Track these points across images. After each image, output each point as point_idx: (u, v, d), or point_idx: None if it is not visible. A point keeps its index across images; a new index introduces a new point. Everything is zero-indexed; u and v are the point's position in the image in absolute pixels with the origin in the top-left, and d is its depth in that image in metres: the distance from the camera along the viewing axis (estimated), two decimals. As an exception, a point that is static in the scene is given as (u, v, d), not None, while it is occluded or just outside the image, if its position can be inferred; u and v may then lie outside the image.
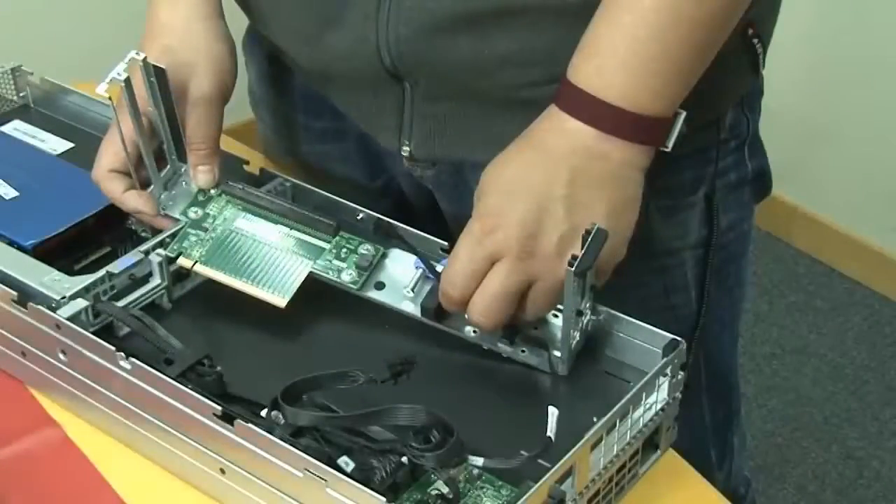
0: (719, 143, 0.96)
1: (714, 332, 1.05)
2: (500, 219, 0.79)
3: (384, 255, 0.88)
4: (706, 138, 0.96)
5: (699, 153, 0.96)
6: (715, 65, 0.83)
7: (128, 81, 0.85)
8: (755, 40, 0.93)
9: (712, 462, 1.11)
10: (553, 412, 0.75)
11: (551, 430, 0.74)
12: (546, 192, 0.79)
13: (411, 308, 0.86)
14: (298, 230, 0.89)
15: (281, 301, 0.86)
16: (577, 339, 0.82)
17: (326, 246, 0.88)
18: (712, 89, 0.87)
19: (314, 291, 0.87)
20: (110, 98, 0.85)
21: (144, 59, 0.86)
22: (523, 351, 0.84)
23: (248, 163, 0.99)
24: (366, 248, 0.88)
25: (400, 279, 0.87)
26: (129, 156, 0.89)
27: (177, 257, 0.88)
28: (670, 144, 0.81)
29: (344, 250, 0.88)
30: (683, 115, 0.81)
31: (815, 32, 2.18)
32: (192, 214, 0.91)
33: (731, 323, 1.08)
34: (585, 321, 0.82)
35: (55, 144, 1.06)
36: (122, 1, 1.76)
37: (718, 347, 1.07)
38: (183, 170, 0.92)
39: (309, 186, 0.96)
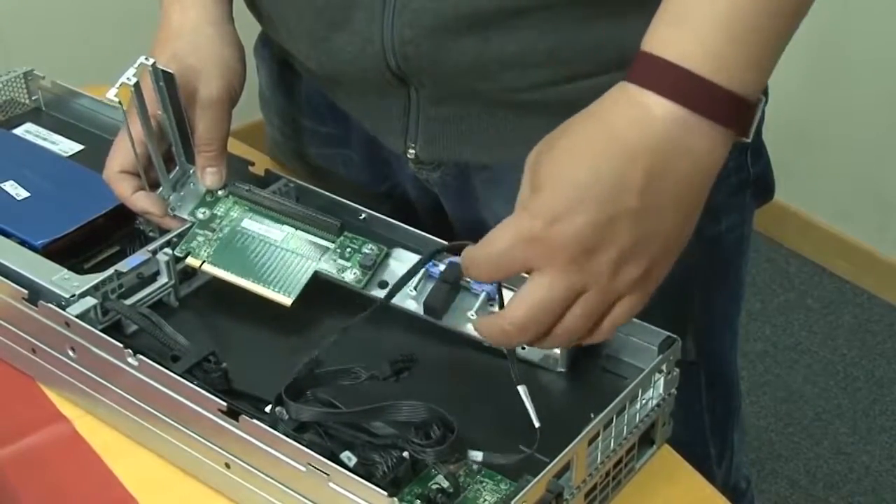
0: None
1: (714, 331, 1.05)
2: (556, 225, 0.68)
3: (387, 255, 0.89)
4: None
5: None
6: None
7: (137, 86, 0.85)
8: None
9: (712, 458, 1.11)
10: (524, 392, 0.75)
11: (534, 417, 0.74)
12: (615, 201, 0.68)
13: (414, 306, 0.86)
14: (304, 230, 0.90)
15: (287, 300, 0.87)
16: None
17: (331, 245, 0.89)
18: None
19: (318, 290, 0.88)
20: (120, 102, 0.85)
21: (153, 64, 0.86)
22: (523, 347, 0.84)
23: (252, 164, 1.00)
24: (369, 248, 0.89)
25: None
26: (138, 157, 0.90)
27: (185, 257, 0.89)
28: (751, 135, 0.71)
29: (348, 250, 0.89)
30: (764, 101, 0.71)
31: (806, 36, 2.19)
32: (200, 215, 0.91)
33: (730, 322, 1.08)
34: None
35: (66, 146, 1.07)
36: (133, 6, 1.78)
37: (718, 346, 1.07)
38: (191, 171, 0.93)
39: (312, 187, 0.97)
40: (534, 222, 0.69)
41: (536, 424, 0.75)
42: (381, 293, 0.88)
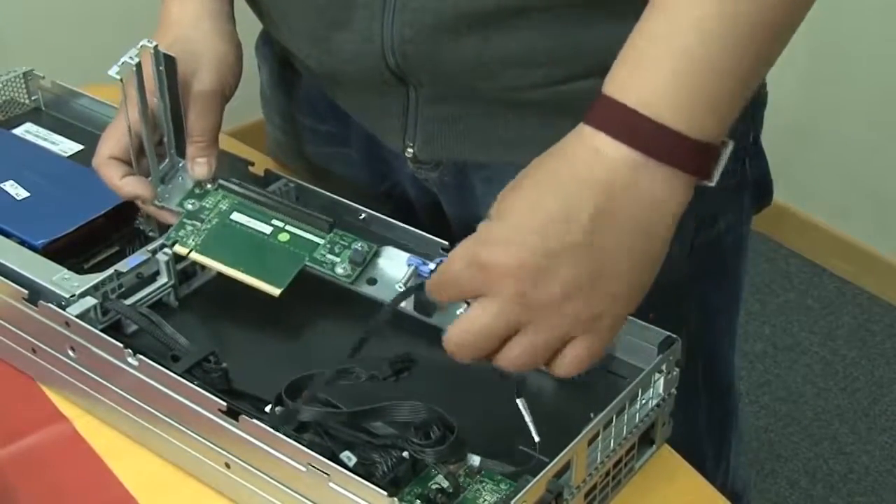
0: None
1: (712, 334, 1.05)
2: (501, 253, 0.69)
3: (377, 253, 0.89)
4: None
5: None
6: None
7: (139, 67, 0.86)
8: None
9: (709, 461, 1.10)
10: (522, 405, 0.75)
11: (534, 432, 0.75)
12: (559, 235, 0.68)
13: (404, 304, 0.86)
14: (294, 225, 0.90)
15: (275, 290, 0.86)
16: None
17: (321, 241, 0.89)
18: None
19: (317, 290, 0.88)
20: (121, 80, 0.85)
21: (155, 47, 0.86)
22: None
23: (252, 164, 1.00)
24: (359, 245, 0.89)
25: (392, 275, 0.88)
26: (131, 141, 0.89)
27: (173, 245, 0.89)
28: (715, 178, 0.70)
29: (338, 246, 0.89)
30: (731, 145, 0.71)
31: (804, 35, 2.19)
32: (189, 206, 0.91)
33: (728, 325, 1.07)
34: None
35: (66, 146, 1.07)
36: (133, 6, 1.78)
37: (716, 349, 1.06)
38: (181, 165, 0.93)
39: (312, 187, 0.97)
40: (478, 248, 0.70)
41: (536, 439, 0.75)
42: (369, 290, 0.88)
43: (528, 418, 0.76)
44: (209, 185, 0.92)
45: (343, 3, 0.89)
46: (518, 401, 0.76)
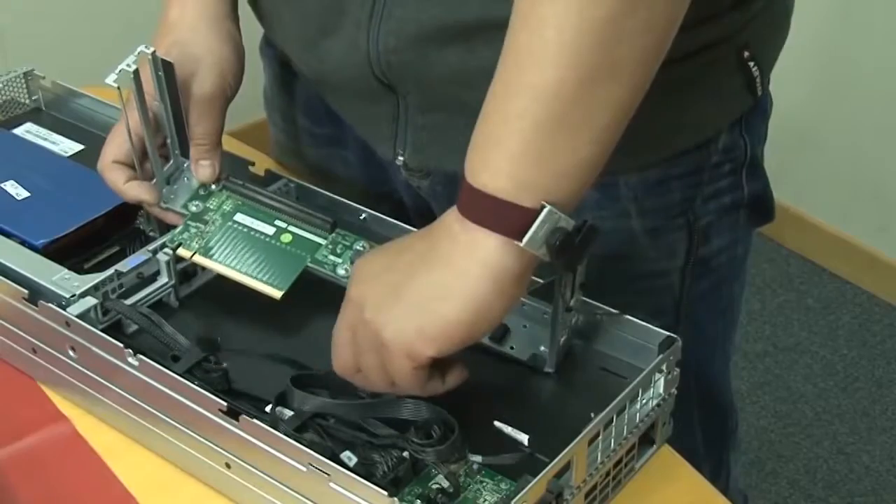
0: (712, 166, 0.94)
1: (704, 355, 1.02)
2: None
3: None
4: (697, 160, 0.93)
5: (689, 175, 0.93)
6: (702, 86, 0.82)
7: (136, 74, 0.86)
8: (751, 63, 0.90)
9: (707, 476, 1.09)
10: (502, 427, 0.77)
11: (521, 437, 0.76)
12: (385, 252, 0.77)
13: None
14: (296, 226, 0.90)
15: (276, 293, 0.87)
16: (565, 336, 0.83)
17: (323, 242, 0.89)
18: (699, 111, 0.86)
19: (318, 291, 0.88)
20: (119, 88, 0.85)
21: (153, 53, 0.86)
22: (512, 347, 0.84)
23: (253, 164, 1.00)
24: (361, 245, 0.89)
25: None
26: (133, 147, 0.89)
27: (176, 248, 0.89)
28: (524, 241, 0.70)
29: (340, 246, 0.89)
30: (548, 209, 0.70)
31: (802, 38, 2.19)
32: (192, 208, 0.91)
33: (722, 345, 1.06)
34: (573, 319, 0.83)
35: (66, 146, 1.08)
36: (133, 6, 1.78)
37: (709, 369, 1.05)
38: (185, 165, 0.93)
39: (312, 187, 0.97)
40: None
41: (524, 438, 0.76)
42: None
43: (508, 430, 0.76)
44: (213, 186, 0.93)
45: (334, 10, 0.88)
46: (496, 423, 0.77)
